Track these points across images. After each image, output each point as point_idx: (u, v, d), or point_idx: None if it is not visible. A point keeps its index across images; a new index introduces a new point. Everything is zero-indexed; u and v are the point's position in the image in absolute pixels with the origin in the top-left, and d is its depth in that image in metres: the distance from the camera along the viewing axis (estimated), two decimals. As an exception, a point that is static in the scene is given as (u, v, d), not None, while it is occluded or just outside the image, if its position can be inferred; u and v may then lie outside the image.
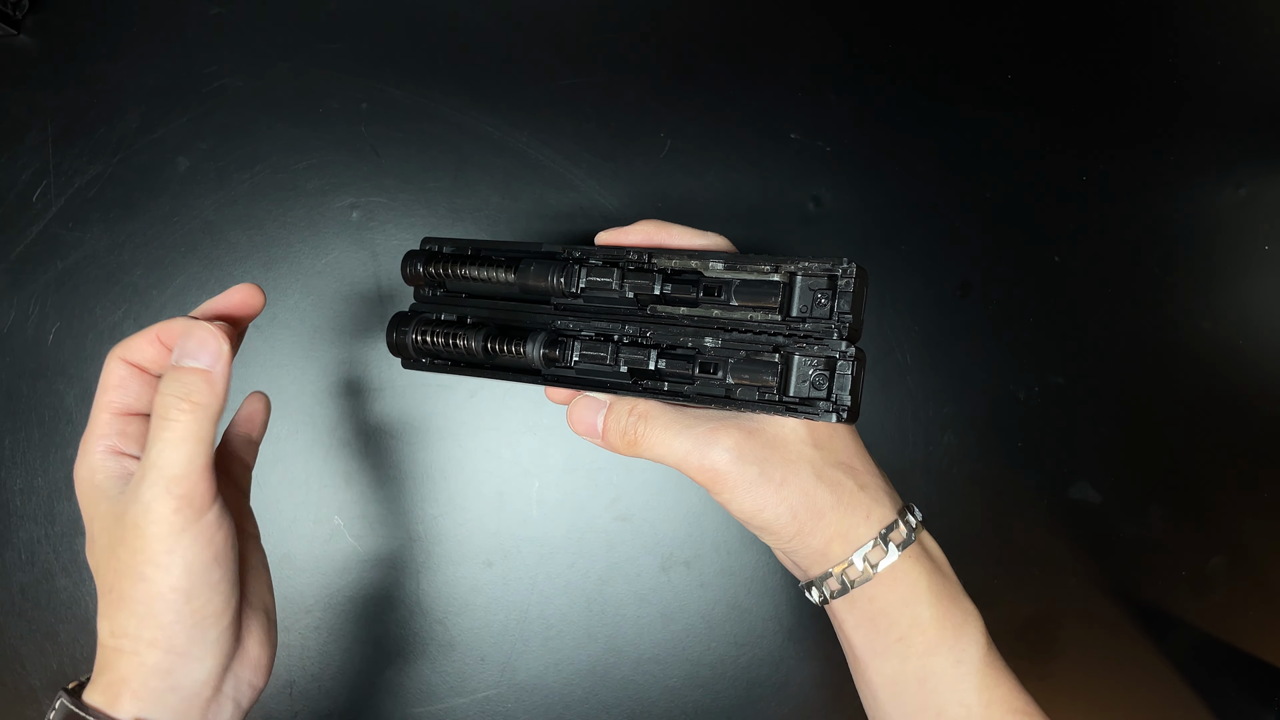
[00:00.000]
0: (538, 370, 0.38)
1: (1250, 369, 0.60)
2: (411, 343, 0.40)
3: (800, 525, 0.35)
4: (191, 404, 0.32)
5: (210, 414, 0.32)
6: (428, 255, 0.40)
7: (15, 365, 0.54)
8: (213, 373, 0.33)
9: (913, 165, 0.59)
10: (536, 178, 0.57)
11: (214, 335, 0.33)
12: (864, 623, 0.36)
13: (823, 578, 0.36)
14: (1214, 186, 0.61)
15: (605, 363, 0.37)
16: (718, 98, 0.58)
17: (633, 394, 0.37)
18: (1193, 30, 0.61)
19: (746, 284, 0.35)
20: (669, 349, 0.36)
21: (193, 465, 0.31)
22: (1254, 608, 0.60)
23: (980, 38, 0.60)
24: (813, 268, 0.34)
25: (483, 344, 0.38)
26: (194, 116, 0.56)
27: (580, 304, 0.38)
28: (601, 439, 0.37)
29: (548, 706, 0.56)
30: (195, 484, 0.31)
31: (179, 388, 0.32)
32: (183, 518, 0.31)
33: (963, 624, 0.36)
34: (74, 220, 0.55)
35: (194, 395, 0.32)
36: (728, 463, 0.34)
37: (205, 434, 0.32)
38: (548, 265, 0.37)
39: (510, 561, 0.56)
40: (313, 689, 0.55)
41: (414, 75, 0.57)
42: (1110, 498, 0.59)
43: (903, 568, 0.36)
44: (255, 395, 0.43)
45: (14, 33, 0.55)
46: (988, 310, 0.59)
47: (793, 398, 0.34)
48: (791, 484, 0.35)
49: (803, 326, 0.34)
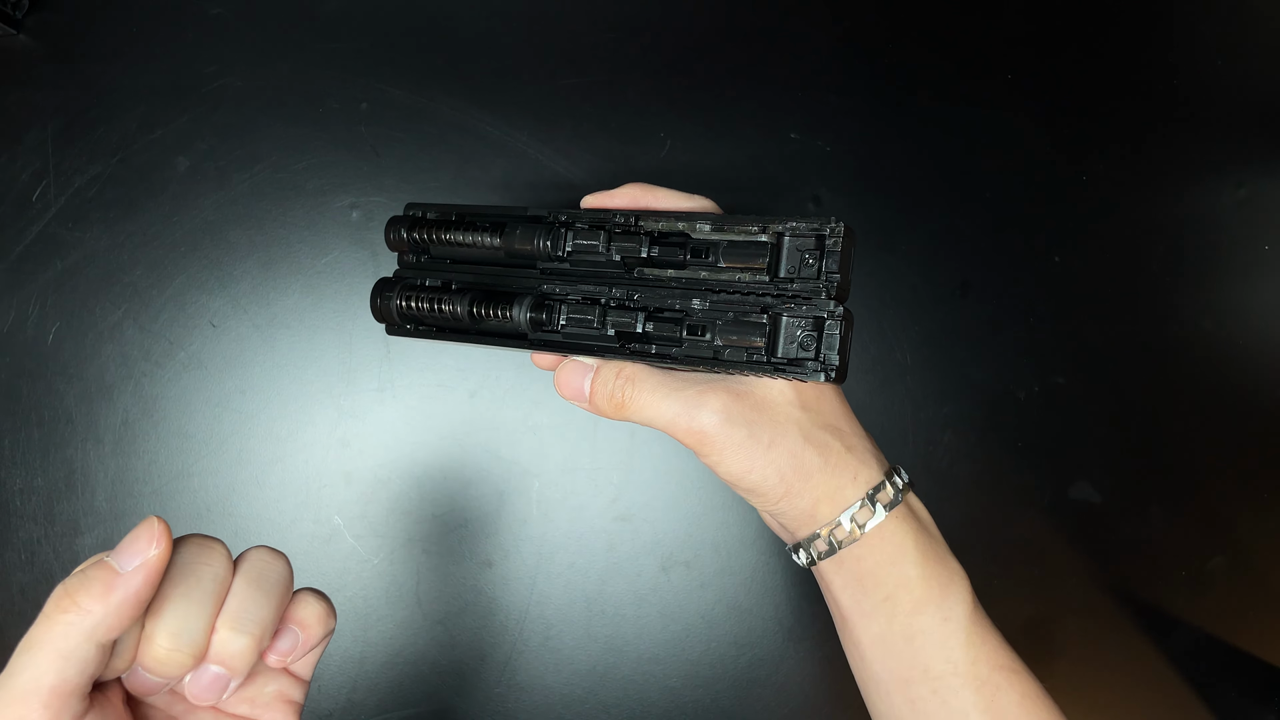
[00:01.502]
0: (524, 335, 0.38)
1: (1250, 369, 0.60)
2: (396, 308, 0.39)
3: (788, 487, 0.35)
4: (72, 604, 0.25)
5: (89, 626, 0.25)
6: (411, 220, 0.40)
7: (15, 365, 0.54)
8: (120, 577, 0.25)
9: (913, 165, 0.59)
10: (536, 178, 0.57)
11: (148, 534, 0.26)
12: (851, 583, 0.37)
13: (810, 539, 0.36)
14: (1214, 186, 0.61)
15: (592, 326, 0.36)
16: (718, 98, 0.58)
17: (620, 357, 0.36)
18: (1192, 30, 0.61)
19: (734, 245, 0.34)
20: (656, 311, 0.36)
21: (37, 686, 0.24)
22: (1253, 608, 0.60)
23: (980, 38, 0.60)
24: (800, 228, 0.33)
25: (468, 308, 0.37)
26: (194, 116, 0.56)
27: (566, 268, 0.37)
28: (589, 403, 0.37)
29: (548, 706, 0.56)
30: (35, 711, 0.24)
31: (74, 580, 0.25)
32: None
33: (949, 582, 0.36)
34: (74, 220, 0.55)
35: (81, 594, 0.25)
36: (716, 425, 0.34)
37: (72, 650, 0.25)
38: (533, 229, 0.37)
39: (510, 561, 0.56)
40: (312, 689, 0.55)
41: (414, 75, 0.57)
42: (1110, 498, 0.59)
43: (890, 528, 0.36)
44: (308, 597, 0.31)
45: (14, 33, 0.55)
46: (988, 310, 0.59)
47: (781, 359, 0.34)
48: (779, 446, 0.35)
49: (791, 287, 0.34)
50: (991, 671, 0.36)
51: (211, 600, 0.27)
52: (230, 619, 0.28)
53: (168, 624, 0.27)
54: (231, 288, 0.56)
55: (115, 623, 0.25)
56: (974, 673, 0.36)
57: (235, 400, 0.55)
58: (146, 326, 0.55)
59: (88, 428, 0.54)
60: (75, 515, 0.54)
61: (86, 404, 0.54)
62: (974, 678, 0.36)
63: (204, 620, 0.27)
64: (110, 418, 0.55)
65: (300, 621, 0.30)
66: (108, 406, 0.54)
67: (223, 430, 0.55)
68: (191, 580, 0.27)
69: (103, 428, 0.54)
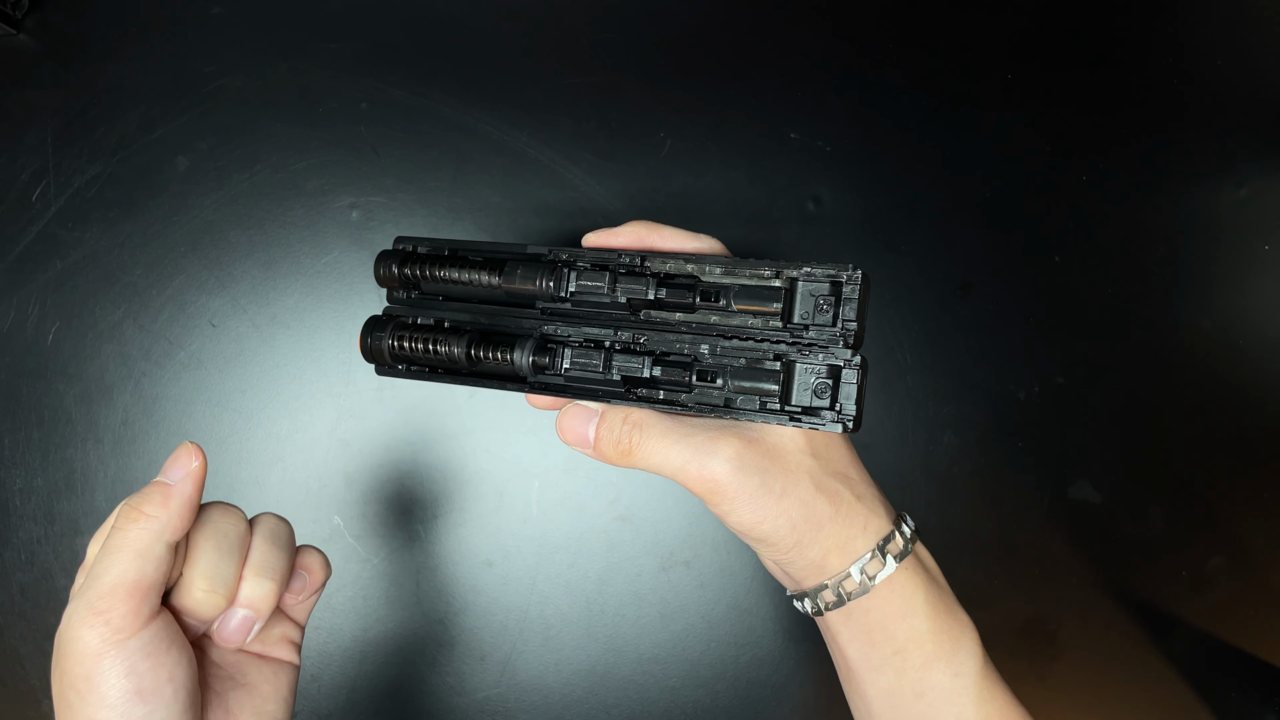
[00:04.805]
0: (524, 378, 0.36)
1: (1250, 369, 0.60)
2: (388, 349, 0.38)
3: (799, 537, 0.34)
4: (139, 514, 0.30)
5: (157, 528, 0.30)
6: (403, 256, 0.38)
7: (15, 365, 0.54)
8: (173, 487, 0.31)
9: (913, 165, 0.59)
10: (536, 178, 0.57)
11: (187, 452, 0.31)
12: (860, 635, 0.36)
13: (817, 589, 0.35)
14: (1214, 186, 0.61)
15: (597, 370, 0.35)
16: (718, 98, 0.58)
17: (626, 403, 0.35)
18: (1193, 30, 0.61)
19: (746, 289, 0.34)
20: (664, 355, 0.35)
21: (122, 581, 0.29)
22: (1254, 608, 0.60)
23: (980, 38, 0.60)
24: (816, 273, 0.33)
25: (465, 350, 0.36)
26: (194, 116, 0.56)
27: (568, 309, 0.36)
28: (593, 449, 0.36)
29: (548, 706, 0.56)
30: (121, 602, 0.29)
31: (136, 497, 0.31)
32: (99, 637, 0.28)
33: (960, 636, 0.36)
34: (74, 220, 0.55)
35: (145, 505, 0.30)
36: (728, 473, 0.33)
37: (147, 548, 0.29)
38: (535, 268, 0.36)
39: (510, 561, 0.56)
40: (312, 689, 0.55)
41: (414, 75, 0.57)
42: (1110, 498, 0.59)
43: (899, 580, 0.35)
44: (309, 550, 0.37)
45: (14, 33, 0.55)
46: (988, 310, 0.59)
47: (795, 406, 0.33)
48: (791, 495, 0.34)
49: (805, 334, 0.33)
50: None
51: (237, 552, 0.33)
52: (255, 567, 0.33)
53: (203, 570, 0.32)
54: (231, 288, 0.56)
55: (178, 524, 0.30)
56: None
57: (235, 400, 0.55)
58: (146, 326, 0.55)
59: (88, 428, 0.54)
60: (75, 515, 0.54)
61: (86, 404, 0.54)
62: None
63: (233, 568, 0.32)
64: (110, 418, 0.55)
65: (306, 567, 0.36)
66: (108, 406, 0.54)
67: (223, 430, 0.55)
68: (219, 536, 0.32)
69: (103, 428, 0.54)
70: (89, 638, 0.28)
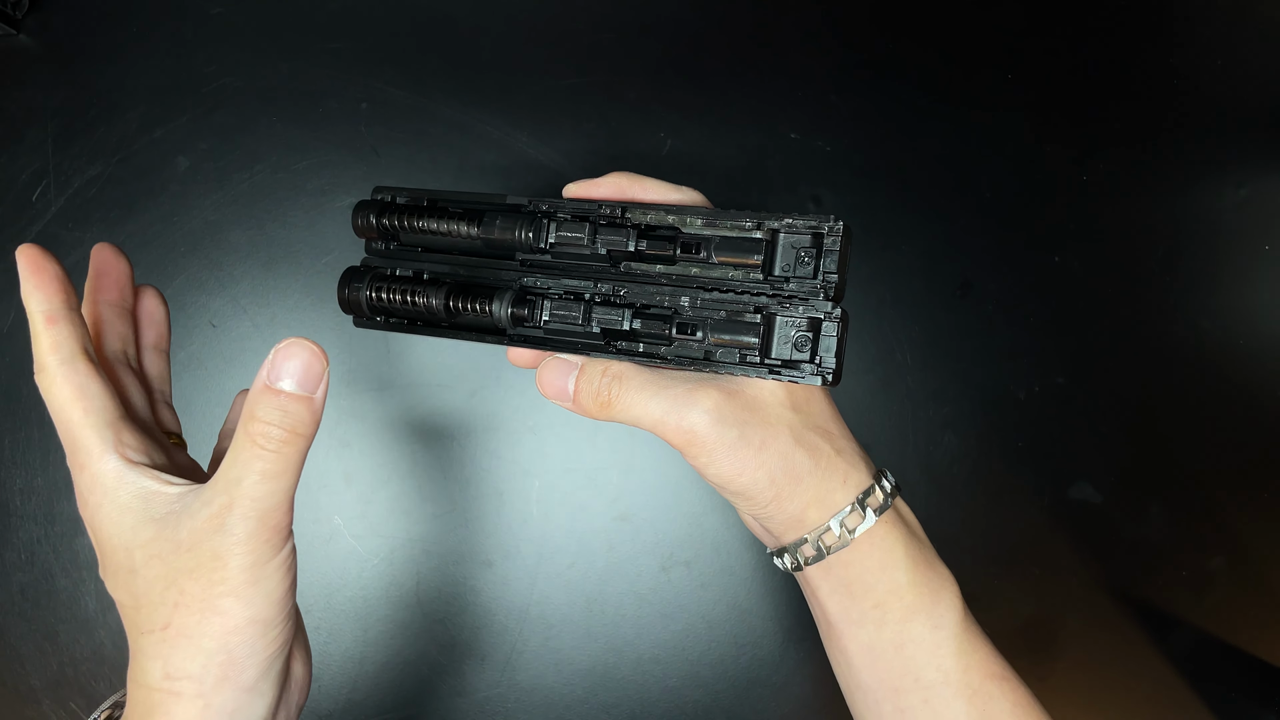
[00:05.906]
0: (503, 330, 0.36)
1: (1250, 369, 0.60)
2: (366, 300, 0.37)
3: (778, 490, 0.34)
4: (292, 434, 0.29)
5: (307, 445, 0.30)
6: (381, 206, 0.37)
7: (15, 365, 0.54)
8: (315, 400, 0.30)
9: (913, 165, 0.59)
10: (536, 178, 0.57)
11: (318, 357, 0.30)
12: (839, 589, 0.36)
13: (797, 544, 0.35)
14: (1214, 186, 0.61)
15: (576, 322, 0.34)
16: (718, 98, 0.58)
17: (606, 356, 0.35)
18: (1192, 30, 0.61)
19: (727, 241, 0.33)
20: (644, 308, 0.35)
21: (286, 498, 0.30)
22: (1254, 608, 0.60)
23: (980, 38, 0.60)
24: (797, 225, 0.32)
25: (444, 302, 0.36)
26: (194, 116, 0.56)
27: (548, 260, 0.36)
28: (573, 402, 0.35)
29: (548, 706, 0.56)
30: (285, 516, 0.30)
31: (279, 416, 0.29)
32: (271, 548, 0.30)
33: (940, 589, 0.36)
34: (74, 220, 0.55)
35: (297, 426, 0.29)
36: (707, 425, 0.33)
37: (299, 466, 0.30)
38: (515, 219, 0.35)
39: (510, 561, 0.56)
40: (312, 689, 0.55)
41: (414, 75, 0.57)
42: (1110, 498, 0.59)
43: (879, 533, 0.35)
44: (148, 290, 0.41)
45: (14, 33, 0.55)
46: (988, 310, 0.59)
47: (775, 360, 0.33)
48: (770, 448, 0.34)
49: (786, 287, 0.33)
50: (984, 680, 0.36)
51: None
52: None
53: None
54: (231, 288, 0.56)
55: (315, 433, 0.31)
56: (966, 681, 0.35)
57: (235, 400, 0.55)
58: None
59: (88, 428, 0.54)
60: (75, 515, 0.54)
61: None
62: (966, 687, 0.35)
63: None
64: (110, 418, 0.54)
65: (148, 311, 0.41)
66: (108, 406, 0.54)
67: (223, 430, 0.55)
68: None
69: (103, 428, 0.54)
70: (263, 549, 0.29)
